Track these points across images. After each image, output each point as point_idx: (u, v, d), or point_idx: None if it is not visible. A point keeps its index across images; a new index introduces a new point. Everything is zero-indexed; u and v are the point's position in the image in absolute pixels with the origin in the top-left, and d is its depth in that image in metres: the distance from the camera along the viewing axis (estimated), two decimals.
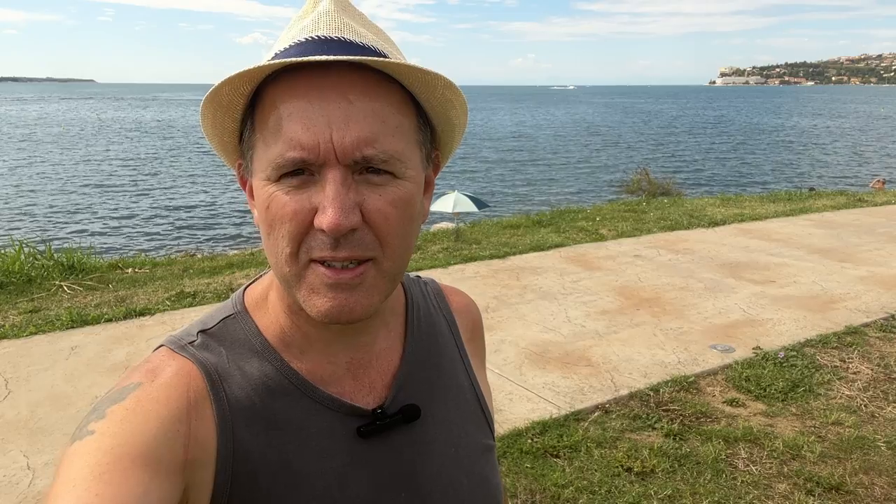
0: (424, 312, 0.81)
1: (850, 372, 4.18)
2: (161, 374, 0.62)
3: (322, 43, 0.58)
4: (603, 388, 3.96)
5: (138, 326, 4.93)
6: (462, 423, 0.77)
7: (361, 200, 0.57)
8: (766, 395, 3.86)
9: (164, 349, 0.66)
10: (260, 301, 0.71)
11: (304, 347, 0.69)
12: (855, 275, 6.22)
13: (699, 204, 10.43)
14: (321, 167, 0.57)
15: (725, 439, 3.38)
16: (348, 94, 0.57)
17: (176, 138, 40.01)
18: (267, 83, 0.60)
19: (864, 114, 74.75)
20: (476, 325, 0.88)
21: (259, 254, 7.65)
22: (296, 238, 0.58)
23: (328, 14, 0.61)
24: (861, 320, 5.02)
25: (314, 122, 0.56)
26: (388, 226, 0.59)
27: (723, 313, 5.23)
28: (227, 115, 0.63)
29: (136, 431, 0.56)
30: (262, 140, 0.59)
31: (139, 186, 20.81)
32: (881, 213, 9.42)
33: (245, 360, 0.67)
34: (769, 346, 4.54)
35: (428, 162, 0.67)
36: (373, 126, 0.57)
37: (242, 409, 0.64)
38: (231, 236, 14.02)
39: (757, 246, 7.41)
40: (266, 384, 0.66)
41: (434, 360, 0.78)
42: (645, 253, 7.14)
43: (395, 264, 0.62)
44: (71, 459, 0.55)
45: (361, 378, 0.71)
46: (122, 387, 0.61)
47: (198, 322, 0.70)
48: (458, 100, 0.64)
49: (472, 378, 0.81)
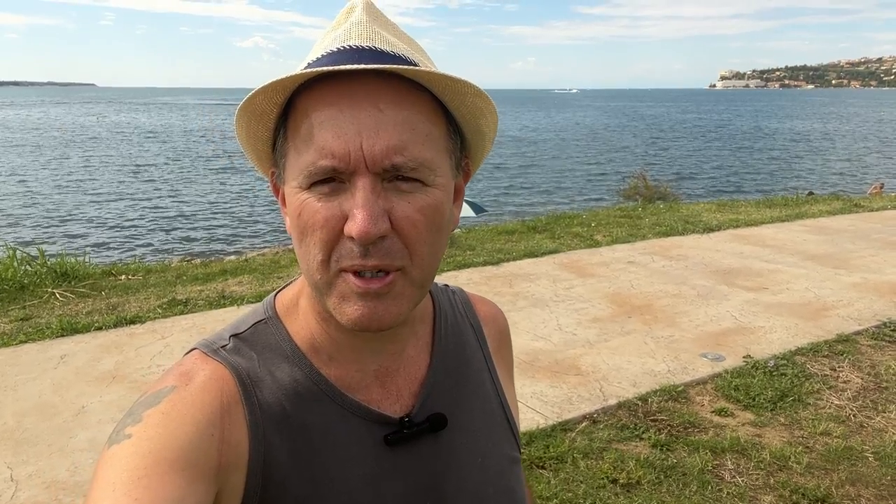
0: (452, 322, 0.81)
1: (841, 381, 4.17)
2: (195, 377, 0.63)
3: (353, 52, 0.59)
4: (591, 397, 3.95)
5: (128, 335, 4.92)
6: (488, 433, 0.78)
7: (391, 208, 0.58)
8: (754, 405, 3.84)
9: (197, 352, 0.67)
10: (291, 307, 0.72)
11: (334, 354, 0.69)
12: (848, 281, 6.21)
13: (695, 209, 10.42)
14: (351, 175, 0.57)
15: (713, 450, 3.37)
16: (378, 102, 0.57)
17: (174, 142, 40.04)
18: (299, 92, 0.61)
19: (865, 117, 74.78)
20: (503, 336, 0.88)
21: (253, 260, 7.65)
22: (327, 245, 0.59)
23: (360, 24, 0.62)
24: (853, 328, 5.01)
25: (345, 130, 0.57)
26: (417, 233, 0.59)
27: (714, 321, 5.22)
28: (261, 123, 0.65)
29: (172, 435, 0.57)
30: (294, 148, 0.60)
31: (138, 190, 20.82)
32: (877, 219, 9.41)
33: (276, 366, 0.68)
34: (760, 354, 4.53)
35: (458, 170, 0.67)
36: (402, 134, 0.58)
37: (273, 414, 0.65)
38: (228, 242, 14.02)
39: (751, 252, 7.40)
40: (296, 389, 0.67)
41: (461, 370, 0.78)
42: (639, 259, 7.14)
43: (423, 272, 0.62)
44: (109, 463, 0.56)
45: (389, 386, 0.72)
46: (156, 390, 0.62)
47: (230, 326, 0.72)
48: (487, 108, 0.65)
49: (498, 388, 0.82)
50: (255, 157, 0.70)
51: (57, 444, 3.42)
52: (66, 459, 3.28)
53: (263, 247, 11.94)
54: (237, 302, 5.67)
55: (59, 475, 3.15)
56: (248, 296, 5.82)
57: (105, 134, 46.36)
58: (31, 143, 38.28)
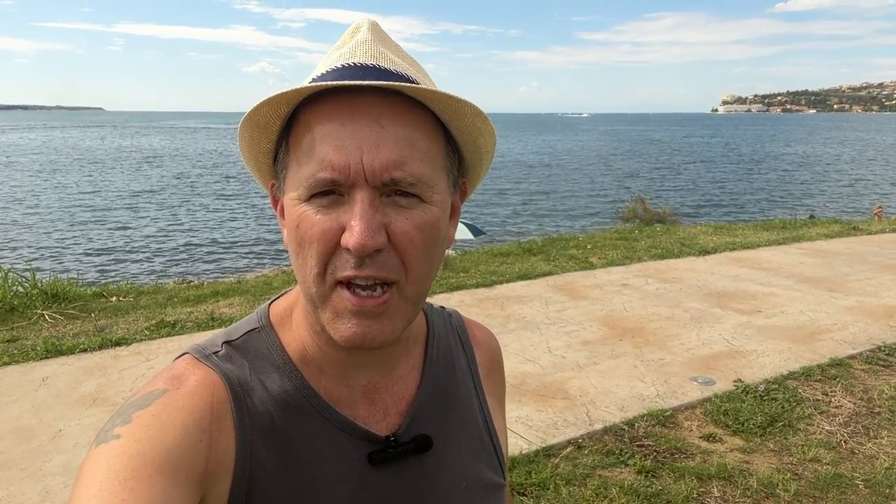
0: (444, 343, 0.81)
1: (832, 406, 4.09)
2: (186, 382, 0.63)
3: (357, 69, 0.61)
4: (577, 422, 3.88)
5: (113, 357, 4.88)
6: (473, 458, 0.77)
7: (388, 222, 0.59)
8: (744, 430, 3.76)
9: (189, 357, 0.67)
10: (284, 317, 0.72)
11: (324, 367, 0.69)
12: (843, 305, 6.14)
13: (692, 232, 10.39)
14: (350, 188, 0.58)
15: (699, 476, 3.29)
16: (380, 118, 0.59)
17: (177, 166, 40.33)
18: (303, 106, 0.62)
19: (867, 142, 74.96)
20: (495, 362, 0.88)
21: (246, 282, 7.62)
22: (323, 257, 0.59)
23: (365, 43, 0.64)
24: (847, 352, 4.93)
25: (346, 144, 0.57)
26: (413, 248, 0.60)
27: (706, 344, 5.15)
28: (264, 135, 0.65)
29: (160, 438, 0.57)
30: (296, 160, 0.61)
31: (136, 213, 20.91)
32: (874, 242, 9.35)
33: (266, 375, 0.68)
34: (751, 378, 4.45)
35: (455, 188, 0.68)
36: (402, 150, 0.58)
37: (261, 424, 0.65)
38: (225, 264, 14.01)
39: (746, 275, 7.34)
40: (285, 400, 0.67)
41: (451, 393, 0.78)
42: (633, 282, 7.08)
43: (417, 288, 0.62)
44: (95, 462, 0.56)
45: (377, 403, 0.71)
46: (147, 392, 0.62)
47: (223, 333, 0.72)
48: (486, 128, 0.66)
49: (486, 414, 0.81)
50: (255, 168, 0.71)
51: (30, 468, 3.37)
52: (37, 484, 3.22)
53: (259, 269, 11.93)
54: (226, 324, 5.63)
55: (29, 500, 3.09)
56: (237, 317, 5.78)
57: (108, 157, 46.77)
58: (33, 166, 38.61)
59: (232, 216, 20.59)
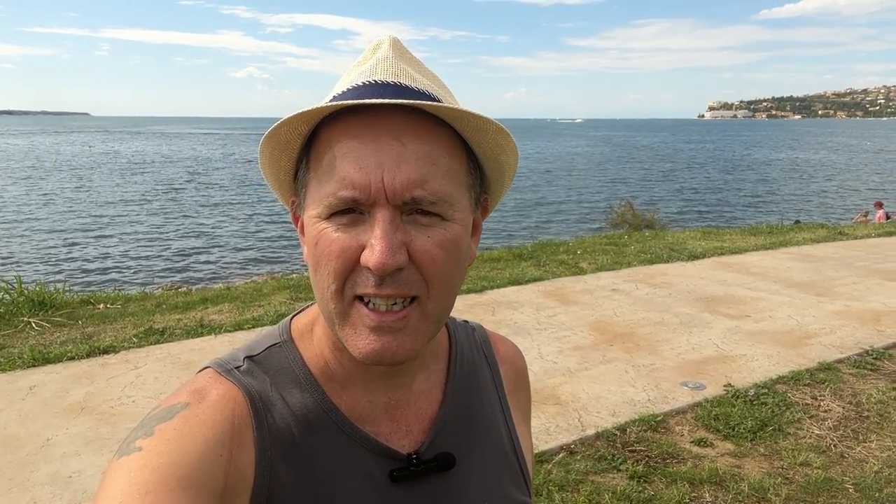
0: (468, 359, 0.80)
1: (822, 410, 4.12)
2: (208, 396, 0.63)
3: (378, 87, 0.60)
4: (569, 427, 3.88)
5: (101, 365, 4.83)
6: (497, 476, 0.76)
7: (409, 241, 0.58)
8: (734, 435, 3.78)
9: (210, 371, 0.67)
10: (305, 332, 0.72)
11: (345, 383, 0.69)
12: (831, 309, 6.20)
13: (680, 237, 10.45)
14: (371, 206, 0.58)
15: (690, 481, 3.30)
16: (401, 136, 0.58)
17: (163, 172, 40.09)
18: (324, 124, 0.62)
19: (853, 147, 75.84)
20: (520, 377, 0.87)
21: (235, 289, 7.57)
22: (342, 275, 0.59)
23: (386, 60, 0.64)
24: (835, 356, 4.97)
25: (367, 162, 0.57)
26: (435, 267, 0.60)
27: (696, 349, 5.17)
28: (285, 153, 0.66)
29: (182, 452, 0.57)
30: (316, 178, 0.61)
31: (124, 219, 20.75)
32: (860, 246, 9.45)
33: (287, 391, 0.68)
34: (741, 382, 4.48)
35: (476, 205, 0.68)
36: (423, 168, 0.58)
37: (282, 440, 0.65)
38: (215, 271, 13.92)
39: (735, 280, 7.40)
40: (306, 416, 0.67)
41: (474, 409, 0.77)
42: (623, 287, 7.11)
43: (439, 306, 0.62)
44: (118, 474, 0.56)
45: (399, 420, 0.71)
46: (169, 405, 0.62)
47: (244, 347, 0.72)
48: (508, 145, 0.66)
49: (511, 431, 0.81)
50: (276, 185, 0.71)
51: (17, 478, 3.32)
52: (25, 495, 3.17)
53: (248, 275, 11.87)
54: (215, 331, 5.59)
55: None
56: (226, 324, 5.74)
57: (93, 163, 46.39)
58: (15, 172, 38.21)
59: (220, 222, 20.48)
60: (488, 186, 0.72)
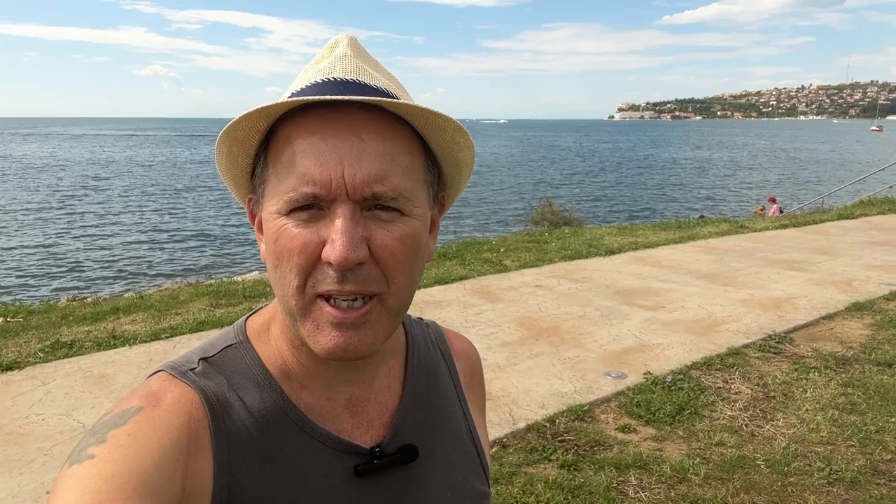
0: (425, 354, 0.81)
1: (732, 392, 4.39)
2: (163, 399, 0.62)
3: (337, 84, 0.61)
4: (501, 422, 3.96)
5: (4, 382, 4.48)
6: (459, 467, 0.77)
7: (369, 235, 0.59)
8: (655, 420, 3.97)
9: (164, 374, 0.65)
10: (262, 332, 0.71)
11: (305, 382, 0.69)
12: (736, 298, 6.62)
13: (598, 233, 10.85)
14: (331, 202, 0.58)
15: (617, 467, 3.44)
16: (361, 133, 0.59)
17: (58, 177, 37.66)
18: (282, 120, 0.62)
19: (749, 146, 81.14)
20: (475, 371, 0.89)
21: (149, 297, 7.22)
22: (303, 271, 0.59)
23: (344, 58, 0.64)
24: (742, 341, 5.31)
25: (327, 158, 0.57)
26: (395, 261, 0.60)
27: (617, 340, 5.39)
28: (242, 149, 0.65)
29: (136, 459, 0.55)
30: (275, 174, 0.61)
31: (16, 228, 19.33)
32: (760, 239, 10.13)
33: (245, 391, 0.67)
34: (658, 370, 4.71)
35: (434, 202, 0.68)
36: (383, 164, 0.59)
37: (241, 442, 0.64)
38: (122, 279, 13.22)
39: (649, 273, 7.76)
40: (265, 416, 0.66)
41: (433, 403, 0.78)
42: (546, 283, 7.31)
43: (399, 301, 0.62)
44: (68, 484, 0.54)
45: (360, 416, 0.71)
46: (122, 410, 0.60)
47: (198, 349, 0.70)
48: (466, 142, 0.66)
49: (469, 423, 0.82)
50: (232, 182, 0.71)
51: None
52: None
53: (162, 283, 11.34)
54: (129, 342, 5.31)
55: None
56: (141, 335, 5.47)
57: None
58: None
59: (123, 229, 19.40)
60: (445, 184, 0.72)
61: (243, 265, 14.25)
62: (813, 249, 9.14)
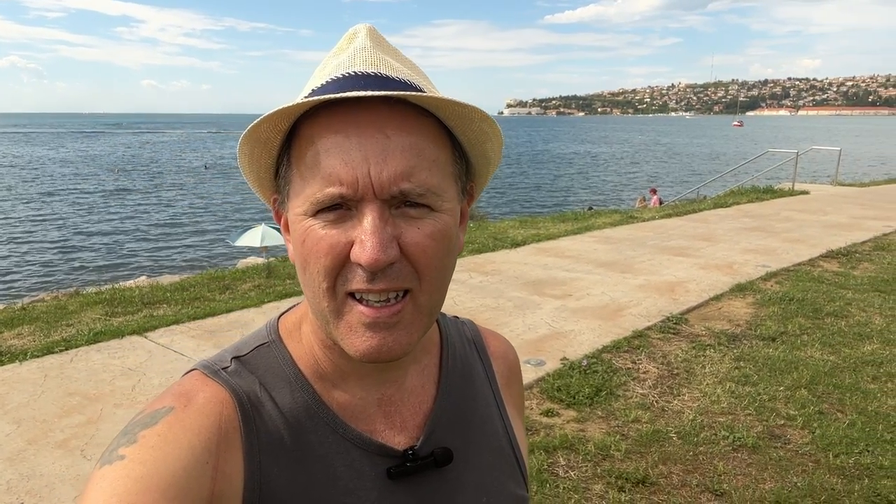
0: (461, 353, 0.80)
1: (641, 372, 4.70)
2: (194, 399, 0.61)
3: (359, 78, 0.59)
4: None
5: None
6: (495, 470, 0.76)
7: (399, 234, 0.58)
8: (575, 402, 4.18)
9: (197, 373, 0.65)
10: (293, 331, 0.70)
11: (337, 381, 0.68)
12: (635, 284, 7.05)
13: (501, 227, 11.15)
14: (359, 202, 0.57)
15: (545, 449, 3.59)
16: (385, 128, 0.57)
17: None
18: (303, 119, 0.60)
19: (629, 141, 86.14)
20: (513, 372, 0.87)
21: (32, 308, 6.62)
22: (332, 272, 0.58)
23: (364, 49, 0.62)
24: (644, 324, 5.68)
25: (352, 157, 0.56)
26: (427, 258, 0.59)
27: (532, 329, 5.60)
28: (265, 150, 0.64)
29: (166, 460, 0.55)
30: (299, 175, 0.60)
31: None
32: (649, 228, 10.83)
33: (277, 390, 0.66)
34: (573, 355, 4.94)
35: (463, 194, 0.67)
36: (410, 160, 0.57)
37: (272, 442, 0.63)
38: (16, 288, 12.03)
39: (554, 263, 8.09)
40: (297, 416, 0.65)
41: (469, 404, 0.77)
42: (457, 276, 7.43)
43: (431, 298, 0.61)
44: (99, 484, 0.54)
45: (393, 416, 0.70)
46: (154, 410, 0.60)
47: (231, 348, 0.69)
48: (493, 132, 0.65)
49: (506, 425, 0.80)
50: (256, 183, 0.69)
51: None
52: None
53: (37, 294, 10.43)
54: (18, 358, 4.86)
55: None
56: (32, 349, 5.02)
57: None
58: None
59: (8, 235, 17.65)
60: (473, 174, 0.71)
61: (121, 271, 13.37)
62: (696, 236, 9.89)
